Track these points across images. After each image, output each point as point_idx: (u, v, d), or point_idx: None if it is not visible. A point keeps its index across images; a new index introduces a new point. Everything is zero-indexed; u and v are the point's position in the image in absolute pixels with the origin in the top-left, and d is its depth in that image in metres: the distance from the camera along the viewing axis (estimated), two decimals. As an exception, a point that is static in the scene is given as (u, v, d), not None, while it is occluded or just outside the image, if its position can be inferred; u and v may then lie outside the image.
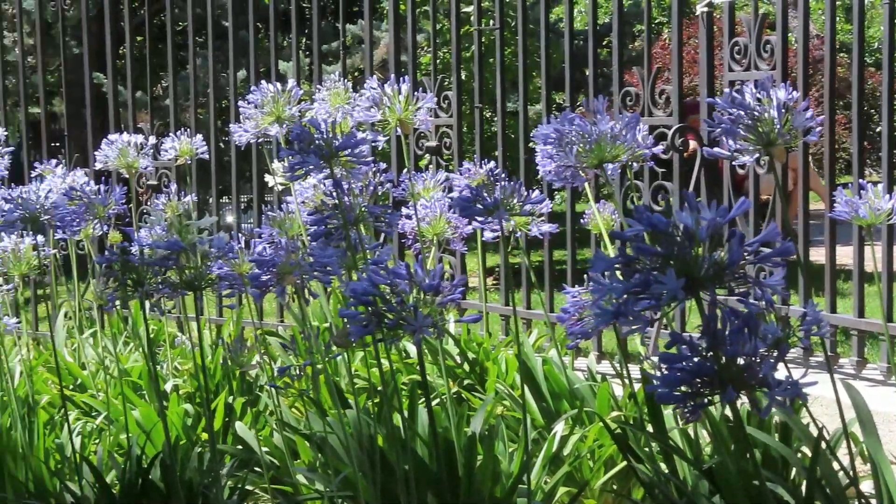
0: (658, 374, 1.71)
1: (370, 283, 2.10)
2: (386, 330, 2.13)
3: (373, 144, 2.93)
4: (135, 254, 2.97)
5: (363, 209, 2.62)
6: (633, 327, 1.70)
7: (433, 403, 3.87)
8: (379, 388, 3.99)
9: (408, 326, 2.11)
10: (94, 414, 4.68)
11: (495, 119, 6.24)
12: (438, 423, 3.44)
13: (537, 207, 2.81)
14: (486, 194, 2.53)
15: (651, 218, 1.65)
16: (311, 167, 2.57)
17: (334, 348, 2.92)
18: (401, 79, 3.42)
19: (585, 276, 2.50)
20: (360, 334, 2.13)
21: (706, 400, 1.71)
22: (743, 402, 1.72)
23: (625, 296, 1.67)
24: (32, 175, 5.69)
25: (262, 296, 2.78)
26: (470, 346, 4.66)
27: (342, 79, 4.24)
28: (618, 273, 1.70)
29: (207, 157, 4.90)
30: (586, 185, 3.23)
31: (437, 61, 6.32)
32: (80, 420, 4.55)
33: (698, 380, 1.69)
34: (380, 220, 2.69)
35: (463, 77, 6.29)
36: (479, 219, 2.55)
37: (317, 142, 2.56)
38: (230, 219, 7.25)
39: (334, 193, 2.65)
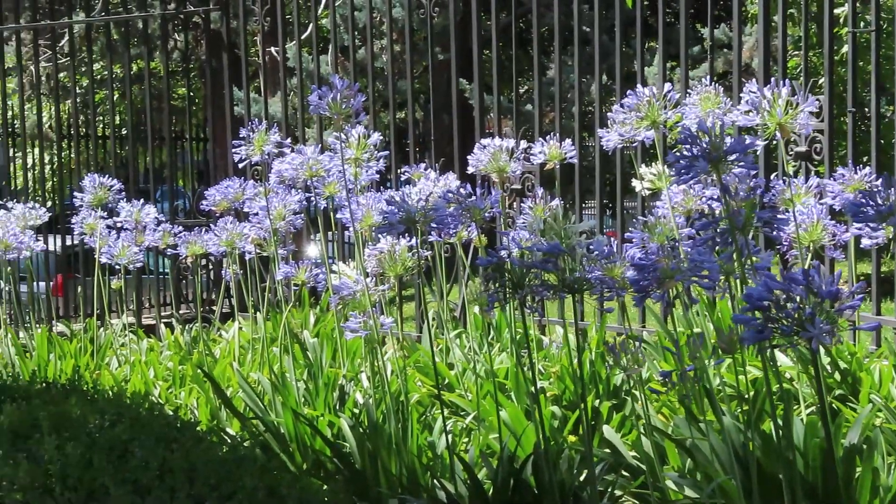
0: None
1: (766, 289, 2.07)
2: (781, 336, 2.09)
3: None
4: (511, 257, 3.01)
5: (752, 214, 2.58)
6: None
7: (807, 413, 3.80)
8: (747, 397, 3.95)
9: (805, 333, 2.06)
10: (461, 413, 4.77)
11: (860, 123, 6.07)
12: (815, 434, 3.36)
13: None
14: (879, 200, 2.46)
15: None
16: (698, 171, 2.55)
17: (711, 355, 2.89)
18: (780, 82, 3.36)
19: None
20: (754, 340, 2.10)
21: None
22: None
23: None
24: (401, 179, 5.86)
25: (643, 300, 2.78)
26: (842, 355, 4.54)
27: (712, 83, 4.20)
28: None
29: (575, 161, 4.93)
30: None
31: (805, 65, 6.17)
32: (449, 419, 4.65)
33: None
34: (767, 226, 2.64)
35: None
36: (872, 225, 2.48)
37: (704, 146, 2.54)
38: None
39: (722, 199, 2.62)
